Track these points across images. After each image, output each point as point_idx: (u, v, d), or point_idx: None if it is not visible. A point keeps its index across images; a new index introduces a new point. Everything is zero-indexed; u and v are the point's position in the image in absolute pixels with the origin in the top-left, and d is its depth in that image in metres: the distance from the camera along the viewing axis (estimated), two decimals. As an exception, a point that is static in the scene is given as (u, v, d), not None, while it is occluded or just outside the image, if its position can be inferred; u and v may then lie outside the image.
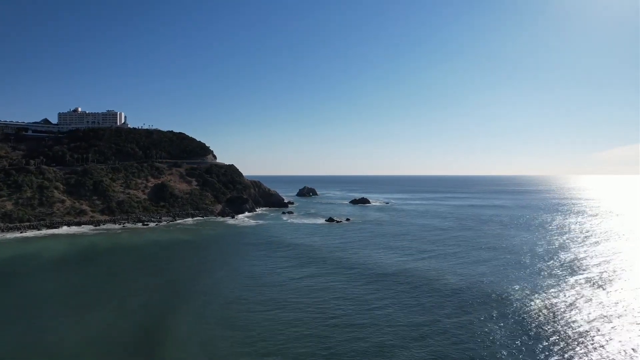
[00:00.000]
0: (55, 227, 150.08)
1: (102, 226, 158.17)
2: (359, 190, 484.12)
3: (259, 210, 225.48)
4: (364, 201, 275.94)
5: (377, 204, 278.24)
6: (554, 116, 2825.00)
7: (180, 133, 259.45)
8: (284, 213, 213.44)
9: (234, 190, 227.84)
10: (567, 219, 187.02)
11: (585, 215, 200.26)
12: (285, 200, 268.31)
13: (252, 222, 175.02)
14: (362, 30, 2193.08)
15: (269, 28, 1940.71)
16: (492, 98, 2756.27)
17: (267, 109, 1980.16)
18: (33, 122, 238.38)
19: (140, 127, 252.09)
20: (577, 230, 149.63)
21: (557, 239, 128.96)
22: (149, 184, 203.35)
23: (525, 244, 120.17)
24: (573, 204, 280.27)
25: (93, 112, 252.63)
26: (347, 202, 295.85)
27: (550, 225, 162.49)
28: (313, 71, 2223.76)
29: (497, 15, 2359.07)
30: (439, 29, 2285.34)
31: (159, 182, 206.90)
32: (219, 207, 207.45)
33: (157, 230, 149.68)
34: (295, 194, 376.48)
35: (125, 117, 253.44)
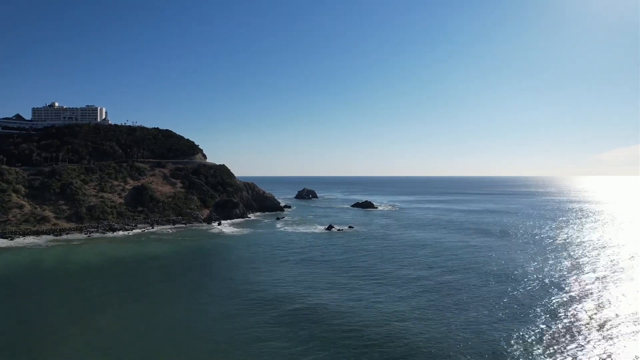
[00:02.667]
0: (5, 238, 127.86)
1: (64, 236, 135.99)
2: (361, 192, 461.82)
3: (251, 216, 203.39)
4: (368, 205, 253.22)
5: (382, 208, 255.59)
6: (554, 117, 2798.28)
7: (166, 130, 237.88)
8: (278, 219, 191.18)
9: (223, 193, 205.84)
10: (598, 228, 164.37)
11: (615, 223, 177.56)
12: (282, 204, 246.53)
13: (239, 230, 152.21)
14: (363, 29, 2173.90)
15: (268, 27, 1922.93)
16: (492, 98, 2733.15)
17: (266, 108, 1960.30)
18: (3, 118, 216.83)
19: (123, 124, 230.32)
20: (620, 245, 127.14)
21: (608, 261, 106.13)
22: (127, 187, 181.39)
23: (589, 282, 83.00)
24: (593, 208, 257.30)
25: (71, 107, 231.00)
26: (349, 205, 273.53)
27: (588, 240, 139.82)
28: (313, 68, 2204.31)
29: (495, 15, 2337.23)
30: (439, 28, 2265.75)
31: (139, 184, 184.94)
32: (205, 212, 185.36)
33: (123, 241, 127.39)
34: (294, 196, 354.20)
35: (106, 112, 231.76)
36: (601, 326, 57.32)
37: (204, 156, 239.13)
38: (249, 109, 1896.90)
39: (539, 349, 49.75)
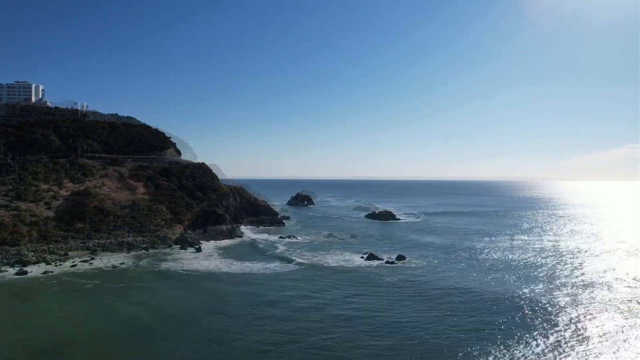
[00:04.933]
0: None
1: None
2: (362, 196, 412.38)
3: (242, 229, 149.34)
4: (387, 216, 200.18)
5: (405, 218, 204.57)
6: (531, 122, 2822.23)
7: (127, 117, 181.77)
8: (280, 238, 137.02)
9: (204, 201, 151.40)
10: None
11: None
12: (278, 213, 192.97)
13: (225, 264, 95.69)
14: (364, 30, 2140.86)
15: (267, 26, 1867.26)
16: (487, 102, 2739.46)
17: (255, 107, 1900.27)
18: None
19: (69, 108, 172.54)
20: None
21: None
22: (63, 193, 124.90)
23: None
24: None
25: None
26: (359, 214, 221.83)
27: None
28: (307, 67, 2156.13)
29: (486, 23, 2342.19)
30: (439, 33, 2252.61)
31: (81, 188, 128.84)
32: (178, 229, 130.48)
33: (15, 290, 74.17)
34: (288, 201, 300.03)
35: (43, 92, 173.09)
36: None
37: (177, 152, 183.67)
38: (238, 108, 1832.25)
39: None
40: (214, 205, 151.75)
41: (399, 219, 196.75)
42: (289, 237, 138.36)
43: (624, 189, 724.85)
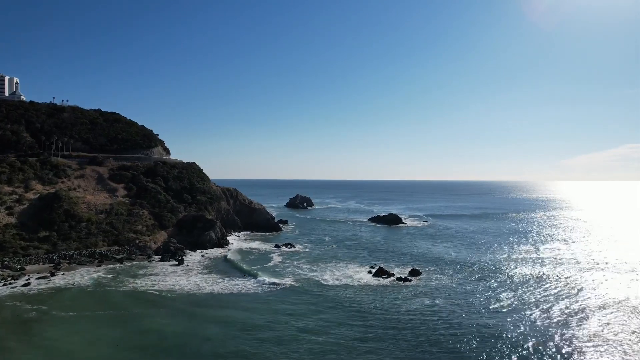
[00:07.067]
0: None
1: None
2: (363, 197, 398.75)
3: (233, 239, 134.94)
4: (393, 220, 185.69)
5: (411, 222, 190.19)
6: (525, 124, 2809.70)
7: (111, 113, 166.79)
8: (276, 246, 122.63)
9: (192, 205, 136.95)
10: None
11: None
12: (275, 217, 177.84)
13: (206, 277, 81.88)
14: (363, 30, 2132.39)
15: (266, 23, 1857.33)
16: (486, 103, 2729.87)
17: (255, 107, 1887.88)
18: None
19: (46, 103, 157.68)
20: None
21: None
22: (29, 195, 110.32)
23: None
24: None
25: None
26: (362, 217, 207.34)
27: None
28: (307, 68, 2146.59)
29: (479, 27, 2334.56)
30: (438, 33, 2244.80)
31: (51, 190, 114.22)
32: (161, 236, 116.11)
33: None
34: (286, 203, 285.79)
35: (17, 84, 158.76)
36: None
37: (166, 150, 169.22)
38: (237, 108, 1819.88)
39: None
40: (203, 209, 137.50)
41: (405, 223, 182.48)
42: (286, 245, 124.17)
43: (626, 189, 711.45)
